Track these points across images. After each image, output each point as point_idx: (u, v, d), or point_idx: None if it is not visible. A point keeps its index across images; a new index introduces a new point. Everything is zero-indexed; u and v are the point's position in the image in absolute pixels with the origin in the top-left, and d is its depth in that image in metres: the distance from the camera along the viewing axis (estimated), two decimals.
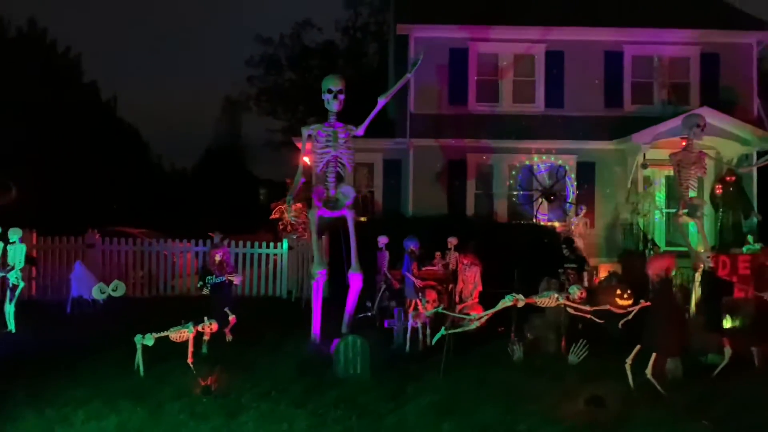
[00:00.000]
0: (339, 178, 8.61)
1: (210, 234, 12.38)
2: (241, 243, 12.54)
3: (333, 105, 8.27)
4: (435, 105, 15.86)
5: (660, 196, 15.62)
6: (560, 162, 15.68)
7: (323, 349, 7.47)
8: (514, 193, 15.82)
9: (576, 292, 6.50)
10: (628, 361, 6.25)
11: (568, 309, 6.66)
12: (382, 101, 8.39)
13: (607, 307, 6.52)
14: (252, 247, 12.58)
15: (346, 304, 8.44)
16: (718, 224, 15.04)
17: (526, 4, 16.42)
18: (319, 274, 8.14)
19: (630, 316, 6.35)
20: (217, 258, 7.97)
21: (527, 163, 15.77)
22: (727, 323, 8.73)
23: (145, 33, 71.93)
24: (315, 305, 8.15)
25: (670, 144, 14.72)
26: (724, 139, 14.75)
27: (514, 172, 15.82)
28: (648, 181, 15.19)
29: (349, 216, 8.59)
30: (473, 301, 9.67)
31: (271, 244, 12.63)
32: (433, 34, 15.77)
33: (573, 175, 15.67)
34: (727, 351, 6.84)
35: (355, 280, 8.49)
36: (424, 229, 13.12)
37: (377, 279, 10.33)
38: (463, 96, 15.94)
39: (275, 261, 12.57)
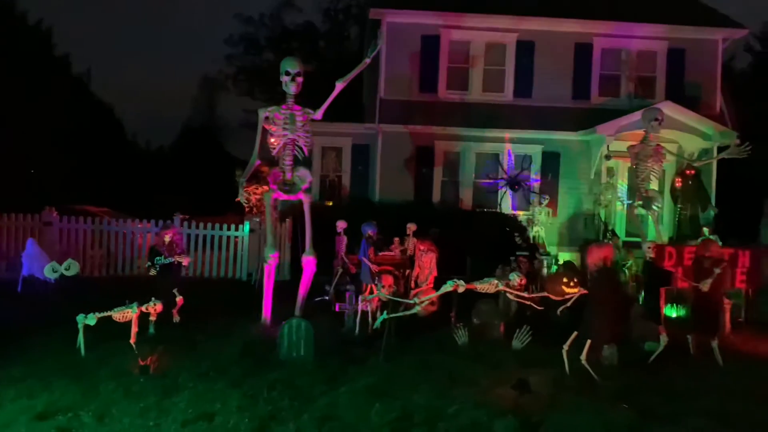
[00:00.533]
0: (296, 162, 8.58)
1: (180, 215, 12.32)
2: (201, 224, 12.47)
3: (291, 87, 8.23)
4: (405, 91, 15.84)
5: (623, 186, 15.89)
6: (526, 151, 15.84)
7: (273, 332, 7.51)
8: (480, 181, 15.94)
9: (515, 279, 6.63)
10: (565, 347, 6.42)
11: (509, 295, 6.78)
12: (339, 85, 8.37)
13: (545, 293, 6.65)
14: (213, 228, 12.52)
15: (299, 287, 8.52)
16: (677, 217, 15.39)
17: None
18: (271, 257, 8.16)
19: (569, 304, 6.50)
20: (167, 238, 7.92)
21: (494, 151, 15.91)
22: (672, 312, 8.98)
23: (125, 9, 70.02)
24: (266, 288, 8.17)
25: (634, 136, 14.93)
26: (686, 134, 15.03)
27: (480, 161, 15.94)
28: (611, 173, 15.43)
29: (306, 200, 8.60)
30: (428, 287, 9.79)
31: (233, 227, 12.57)
32: (406, 20, 15.72)
33: (538, 165, 15.84)
34: (663, 339, 7.06)
35: (309, 264, 8.54)
36: (389, 215, 13.23)
37: (335, 263, 10.37)
38: (433, 83, 15.94)
39: (236, 243, 12.52)
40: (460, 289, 6.42)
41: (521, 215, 15.38)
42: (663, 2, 16.51)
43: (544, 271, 11.83)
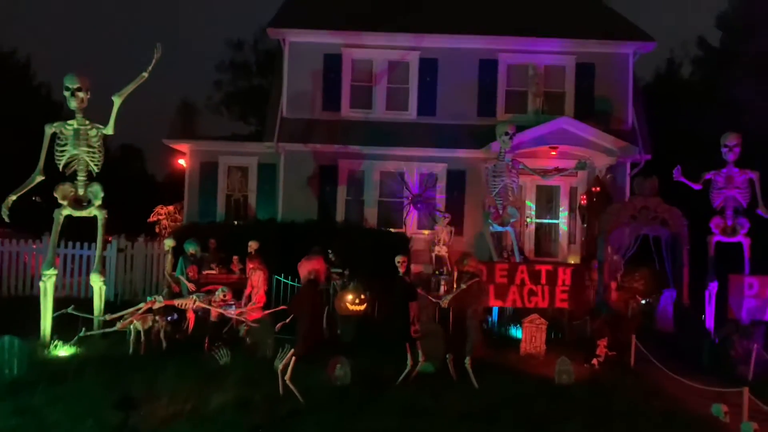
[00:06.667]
0: (89, 177, 8.53)
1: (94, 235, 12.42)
2: (70, 244, 12.52)
3: (72, 102, 8.25)
4: (308, 110, 15.78)
5: (530, 204, 15.41)
6: (431, 170, 15.50)
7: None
8: (385, 199, 15.65)
9: (220, 294, 6.36)
10: (280, 366, 6.09)
11: (214, 309, 6.50)
12: (117, 100, 8.33)
13: (241, 310, 6.36)
14: (81, 248, 12.54)
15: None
16: (584, 235, 14.81)
17: (402, 11, 16.32)
18: (46, 274, 8.05)
19: (287, 320, 6.19)
20: None
21: (398, 170, 15.61)
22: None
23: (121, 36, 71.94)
24: (44, 307, 8.03)
25: (537, 152, 14.58)
26: (592, 150, 14.51)
27: (384, 179, 15.66)
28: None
29: (99, 216, 8.55)
30: (257, 305, 9.55)
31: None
32: (307, 39, 15.74)
33: (444, 183, 15.48)
34: (410, 359, 6.66)
35: (96, 282, 8.45)
36: (291, 234, 13.04)
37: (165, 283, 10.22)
38: (336, 102, 15.84)
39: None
40: (157, 305, 6.19)
41: (425, 233, 15.07)
42: (571, 16, 16.18)
43: (442, 289, 11.60)
